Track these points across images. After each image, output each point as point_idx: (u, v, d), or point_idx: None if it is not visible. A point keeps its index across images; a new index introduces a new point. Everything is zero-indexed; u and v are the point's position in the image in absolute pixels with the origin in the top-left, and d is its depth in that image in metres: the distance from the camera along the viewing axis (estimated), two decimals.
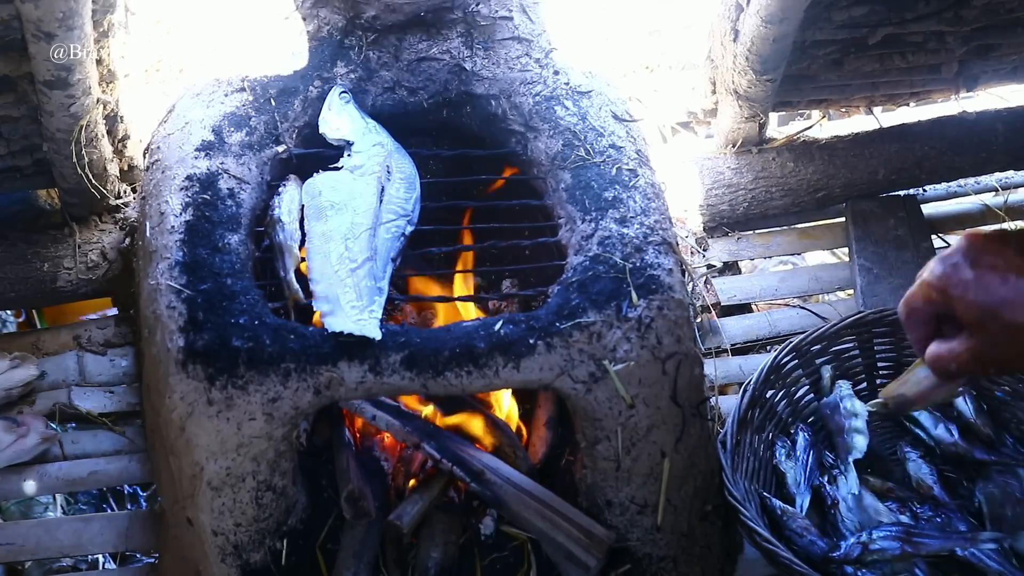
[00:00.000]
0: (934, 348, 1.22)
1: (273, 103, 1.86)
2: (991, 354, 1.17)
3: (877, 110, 2.40)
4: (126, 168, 2.06)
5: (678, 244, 1.75)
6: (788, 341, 1.77)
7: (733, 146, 2.27)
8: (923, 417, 1.75)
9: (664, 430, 1.61)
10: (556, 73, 1.94)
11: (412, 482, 1.72)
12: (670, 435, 1.61)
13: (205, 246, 1.65)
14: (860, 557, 1.53)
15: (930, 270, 1.19)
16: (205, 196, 1.71)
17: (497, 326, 1.58)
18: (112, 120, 1.93)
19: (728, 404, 1.83)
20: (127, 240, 2.02)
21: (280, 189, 1.78)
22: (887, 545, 1.53)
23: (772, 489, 1.68)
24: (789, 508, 1.62)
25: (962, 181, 2.38)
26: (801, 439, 1.72)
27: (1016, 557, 1.53)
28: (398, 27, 1.93)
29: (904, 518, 1.60)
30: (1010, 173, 2.41)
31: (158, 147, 1.82)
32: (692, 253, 2.18)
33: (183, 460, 1.56)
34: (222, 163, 1.76)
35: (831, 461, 1.69)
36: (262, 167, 1.81)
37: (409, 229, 1.76)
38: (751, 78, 2.05)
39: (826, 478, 1.66)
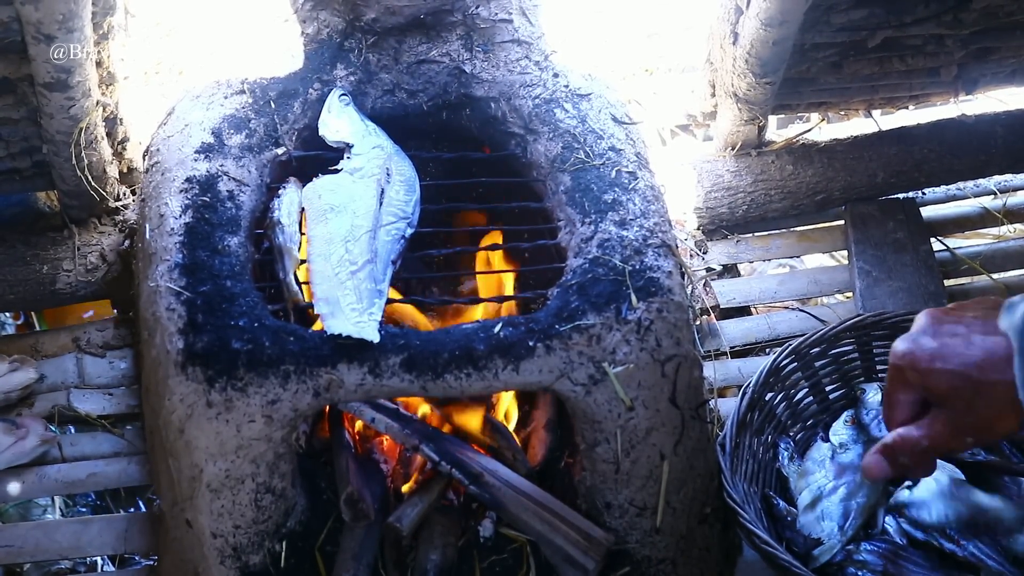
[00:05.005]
0: (902, 431, 1.19)
1: (273, 105, 1.86)
2: (967, 421, 1.15)
3: (876, 113, 2.40)
4: (125, 170, 2.06)
5: (677, 247, 1.75)
6: (787, 344, 1.77)
7: (732, 149, 2.27)
8: None
9: (663, 432, 1.61)
10: (556, 76, 1.94)
11: (411, 484, 1.72)
12: (669, 437, 1.61)
13: (205, 248, 1.65)
14: (841, 563, 1.54)
15: (894, 351, 1.18)
16: (205, 198, 1.71)
17: (496, 328, 1.58)
18: (112, 122, 1.93)
19: (727, 407, 1.83)
20: (126, 242, 2.02)
21: (280, 191, 1.78)
22: (871, 559, 1.53)
23: (773, 492, 1.68)
24: (795, 510, 1.62)
25: (961, 184, 2.38)
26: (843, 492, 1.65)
27: (1014, 560, 1.53)
28: (398, 30, 1.93)
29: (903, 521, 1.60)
30: (1008, 176, 2.41)
31: (157, 149, 1.82)
32: (691, 256, 2.18)
33: (182, 462, 1.56)
34: (222, 165, 1.76)
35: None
36: (262, 169, 1.81)
37: (409, 231, 1.76)
38: (750, 81, 2.05)
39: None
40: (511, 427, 1.79)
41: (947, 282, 2.19)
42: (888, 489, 1.62)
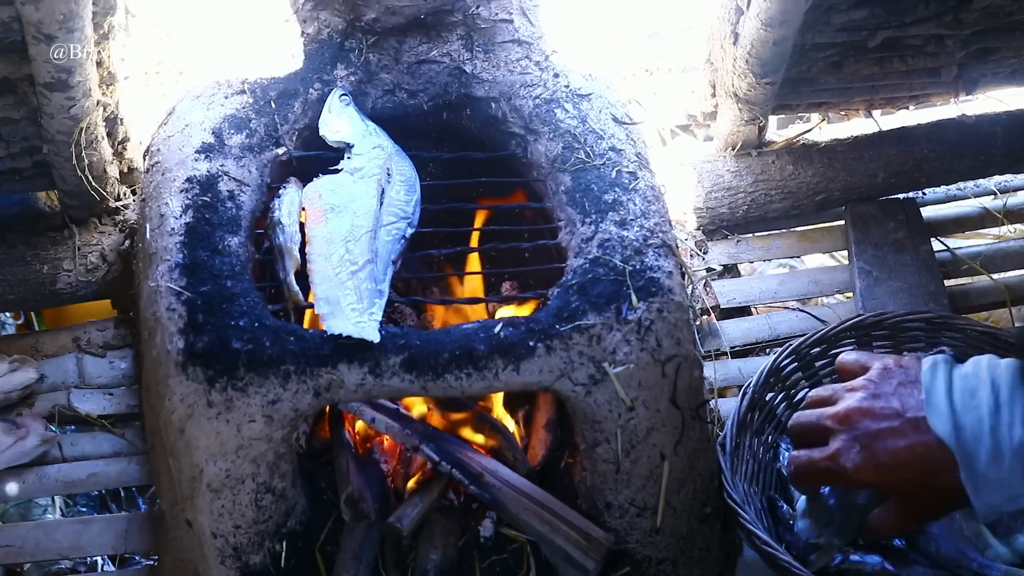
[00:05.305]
0: (877, 520, 1.35)
1: (273, 105, 1.86)
2: (925, 513, 1.31)
3: (876, 113, 2.39)
4: (126, 170, 2.06)
5: (678, 247, 1.75)
6: (787, 344, 1.77)
7: (732, 149, 2.27)
8: None
9: (664, 432, 1.61)
10: (556, 76, 1.94)
11: (411, 484, 1.72)
12: (670, 437, 1.61)
13: (205, 248, 1.65)
14: (841, 564, 1.53)
15: (826, 467, 1.31)
16: (205, 198, 1.71)
17: (497, 328, 1.58)
18: (112, 122, 1.93)
19: (727, 407, 1.83)
20: (127, 242, 2.02)
21: (280, 191, 1.78)
22: (871, 560, 1.52)
23: (774, 492, 1.68)
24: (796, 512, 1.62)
25: (961, 184, 2.38)
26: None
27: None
28: (398, 30, 1.93)
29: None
30: (1008, 176, 2.41)
31: (158, 149, 1.82)
32: (692, 256, 2.18)
33: (182, 462, 1.56)
34: (222, 165, 1.76)
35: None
36: (262, 169, 1.81)
37: (409, 231, 1.76)
38: (751, 81, 2.05)
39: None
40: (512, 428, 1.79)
41: (947, 282, 2.19)
42: None
